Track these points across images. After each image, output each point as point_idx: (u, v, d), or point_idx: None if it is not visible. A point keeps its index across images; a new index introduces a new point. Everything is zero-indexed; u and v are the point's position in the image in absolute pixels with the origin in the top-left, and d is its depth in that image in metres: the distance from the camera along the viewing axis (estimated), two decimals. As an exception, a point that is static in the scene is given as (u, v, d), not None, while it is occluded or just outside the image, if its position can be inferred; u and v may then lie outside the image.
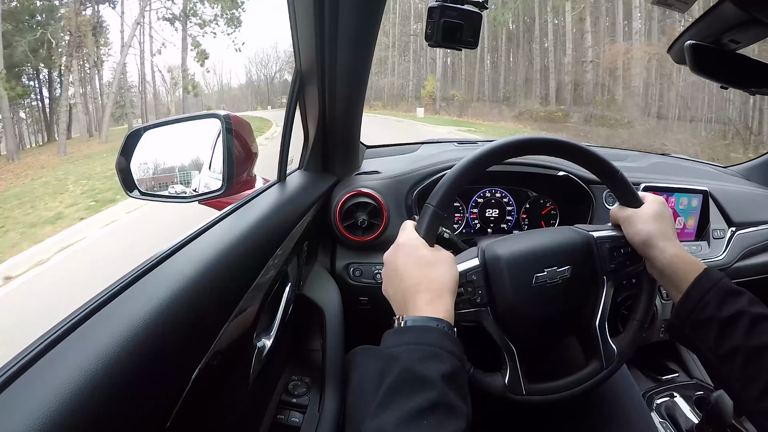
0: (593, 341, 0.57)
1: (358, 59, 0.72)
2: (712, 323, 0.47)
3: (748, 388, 0.44)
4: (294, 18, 0.67)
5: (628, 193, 0.57)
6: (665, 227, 0.54)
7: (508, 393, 0.54)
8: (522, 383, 0.54)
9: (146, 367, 0.32)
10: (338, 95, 0.78)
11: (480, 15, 0.60)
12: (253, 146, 0.78)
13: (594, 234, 0.57)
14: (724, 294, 0.48)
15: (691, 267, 0.51)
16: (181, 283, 0.39)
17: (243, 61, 39.11)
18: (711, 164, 1.34)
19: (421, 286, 0.45)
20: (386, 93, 26.44)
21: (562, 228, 0.60)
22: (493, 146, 0.54)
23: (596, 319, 0.56)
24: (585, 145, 0.57)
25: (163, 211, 4.52)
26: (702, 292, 0.48)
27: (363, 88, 0.79)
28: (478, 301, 0.53)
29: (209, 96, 36.60)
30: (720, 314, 0.46)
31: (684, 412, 0.91)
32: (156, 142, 0.75)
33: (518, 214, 1.03)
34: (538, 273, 0.53)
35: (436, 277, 0.46)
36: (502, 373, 0.54)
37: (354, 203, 0.89)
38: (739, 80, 0.65)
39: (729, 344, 0.45)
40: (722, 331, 0.46)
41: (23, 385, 0.27)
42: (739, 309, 0.46)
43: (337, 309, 0.84)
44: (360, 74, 0.75)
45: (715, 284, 0.48)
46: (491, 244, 0.56)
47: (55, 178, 8.96)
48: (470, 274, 0.52)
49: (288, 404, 0.74)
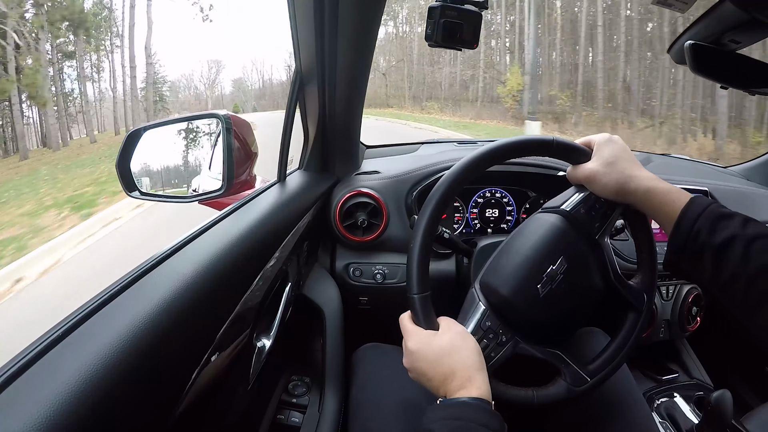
0: (620, 296, 0.57)
1: (358, 59, 0.72)
2: (706, 251, 0.44)
3: (755, 317, 0.42)
4: (294, 18, 0.67)
5: (573, 151, 0.56)
6: (625, 165, 0.51)
7: (575, 390, 0.54)
8: (581, 373, 0.55)
9: (146, 366, 0.32)
10: (338, 95, 0.78)
11: (480, 15, 0.60)
12: (253, 146, 0.78)
13: (565, 207, 0.56)
14: (714, 219, 0.45)
15: (674, 196, 0.48)
16: (181, 283, 0.39)
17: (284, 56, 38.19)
18: (711, 164, 1.33)
19: (447, 378, 0.45)
20: (444, 89, 17.61)
21: (535, 219, 0.58)
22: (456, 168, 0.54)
23: (611, 277, 0.56)
24: (518, 137, 0.56)
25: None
26: (691, 220, 0.46)
27: (363, 88, 0.79)
28: (504, 339, 0.53)
29: (249, 92, 36.87)
30: (713, 240, 0.44)
31: (684, 412, 0.91)
32: (156, 142, 0.75)
33: (518, 214, 1.03)
34: (539, 283, 0.52)
35: (457, 363, 0.46)
36: (562, 377, 0.55)
37: (354, 203, 0.89)
38: (739, 80, 0.65)
39: (727, 271, 0.43)
40: (718, 258, 0.44)
41: (23, 385, 0.27)
42: (732, 233, 0.43)
43: (337, 309, 0.84)
44: (360, 74, 0.75)
45: (703, 210, 0.46)
46: (484, 279, 0.56)
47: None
48: (483, 323, 0.52)
49: (288, 404, 0.74)
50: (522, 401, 0.54)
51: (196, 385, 0.39)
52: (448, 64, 17.40)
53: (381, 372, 0.69)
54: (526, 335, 0.54)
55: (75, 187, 7.44)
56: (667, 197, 0.49)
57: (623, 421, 0.61)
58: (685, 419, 0.89)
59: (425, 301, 0.51)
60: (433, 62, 18.02)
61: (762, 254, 0.42)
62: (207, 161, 0.81)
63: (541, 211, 0.59)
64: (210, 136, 0.80)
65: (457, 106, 16.69)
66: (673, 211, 0.48)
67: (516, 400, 0.53)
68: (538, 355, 0.54)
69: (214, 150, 0.78)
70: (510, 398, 0.53)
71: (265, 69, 41.93)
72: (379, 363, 0.72)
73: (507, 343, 0.53)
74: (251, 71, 39.05)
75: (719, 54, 0.62)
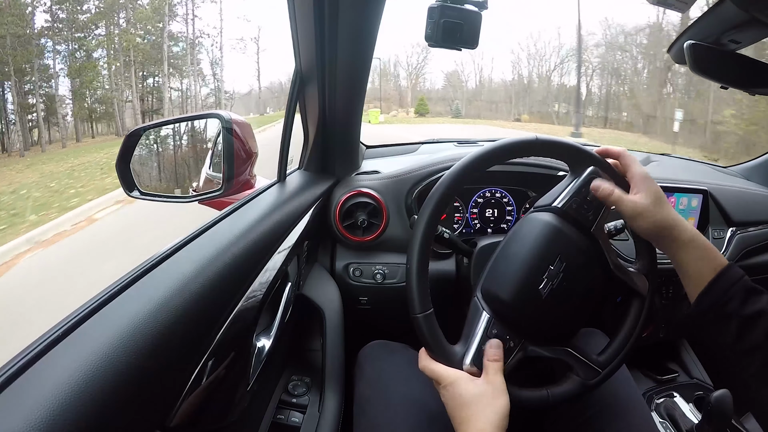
0: (623, 285, 0.57)
1: (358, 59, 0.72)
2: (734, 319, 0.46)
3: (764, 390, 0.44)
4: (294, 18, 0.67)
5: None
6: (669, 207, 0.52)
7: (589, 383, 0.54)
8: (593, 366, 0.55)
9: (146, 367, 0.32)
10: (338, 95, 0.78)
11: (480, 15, 0.60)
12: (253, 146, 0.78)
13: (557, 204, 0.56)
14: (746, 291, 0.47)
15: (714, 254, 0.49)
16: (181, 283, 0.39)
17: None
18: (711, 164, 1.34)
19: (462, 423, 0.46)
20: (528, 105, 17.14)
21: (528, 221, 0.57)
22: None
23: (611, 266, 0.56)
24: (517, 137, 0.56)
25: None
26: (728, 284, 0.47)
27: (363, 88, 0.79)
28: (512, 345, 0.52)
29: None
30: (743, 311, 0.46)
31: (684, 412, 0.91)
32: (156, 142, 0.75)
33: (518, 214, 1.03)
34: (540, 285, 0.52)
35: (475, 417, 0.46)
36: (574, 373, 0.55)
37: (354, 203, 0.89)
38: (739, 80, 0.65)
39: (749, 342, 0.45)
40: (744, 328, 0.45)
41: (23, 385, 0.27)
42: (761, 308, 0.45)
43: (337, 309, 0.84)
44: (360, 74, 0.75)
45: (739, 280, 0.47)
46: (485, 287, 0.55)
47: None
48: (490, 332, 0.52)
49: (288, 404, 0.74)
50: (537, 402, 0.53)
51: (196, 384, 0.39)
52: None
53: (389, 369, 0.69)
54: (534, 337, 0.53)
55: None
56: (706, 252, 0.50)
57: (623, 421, 0.61)
58: (685, 419, 0.89)
59: (429, 319, 0.51)
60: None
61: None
62: (207, 161, 0.82)
63: (533, 211, 0.58)
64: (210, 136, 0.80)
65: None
66: (710, 268, 0.49)
67: (531, 401, 0.53)
68: (548, 354, 0.54)
69: (214, 150, 0.78)
70: (525, 400, 0.53)
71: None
72: (387, 360, 0.71)
73: (516, 347, 0.53)
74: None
75: (719, 54, 0.62)
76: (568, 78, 23.33)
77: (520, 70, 25.48)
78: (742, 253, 1.00)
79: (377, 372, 0.69)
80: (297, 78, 0.76)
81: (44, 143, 14.57)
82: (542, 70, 24.30)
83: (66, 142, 15.27)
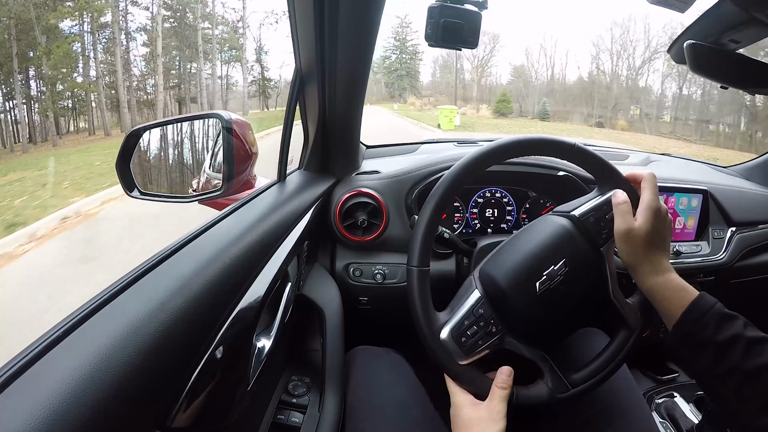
0: (616, 311, 0.57)
1: (358, 59, 0.71)
2: (709, 345, 0.48)
3: (746, 404, 0.45)
4: (294, 18, 0.67)
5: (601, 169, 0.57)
6: (666, 245, 0.54)
7: (556, 395, 0.54)
8: (564, 380, 0.55)
9: (146, 367, 0.32)
10: (338, 95, 0.78)
11: (480, 15, 0.60)
12: (253, 146, 0.78)
13: (575, 213, 0.57)
14: (720, 318, 0.48)
15: (688, 287, 0.51)
16: (181, 283, 0.39)
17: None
18: (711, 164, 1.33)
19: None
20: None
21: (544, 220, 0.59)
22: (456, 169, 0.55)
23: (610, 290, 0.56)
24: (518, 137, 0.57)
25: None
26: (699, 314, 0.49)
27: (363, 88, 0.79)
28: (494, 330, 0.53)
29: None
30: (717, 337, 0.47)
31: (684, 412, 0.92)
32: (156, 142, 0.75)
33: (518, 214, 1.03)
34: (538, 280, 0.53)
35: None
36: (544, 381, 0.55)
37: (354, 203, 0.89)
38: (739, 80, 0.65)
39: (726, 365, 0.46)
40: (720, 353, 0.47)
41: (23, 385, 0.27)
42: (735, 333, 0.47)
43: (337, 309, 0.84)
44: (360, 74, 0.75)
45: (711, 308, 0.49)
46: (484, 268, 0.56)
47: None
48: (476, 310, 0.53)
49: (288, 404, 0.74)
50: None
51: (196, 385, 0.39)
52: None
53: (372, 375, 0.70)
54: (516, 330, 0.54)
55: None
56: (684, 285, 0.52)
57: (623, 421, 0.61)
58: (685, 419, 0.89)
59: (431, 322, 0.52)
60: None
61: (759, 356, 0.46)
62: (207, 161, 0.81)
63: (551, 213, 0.60)
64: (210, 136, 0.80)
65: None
66: (685, 299, 0.51)
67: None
68: (525, 353, 0.54)
69: (214, 150, 0.78)
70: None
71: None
72: (370, 366, 0.72)
73: (496, 334, 0.53)
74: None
75: (719, 54, 0.62)
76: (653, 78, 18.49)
77: (601, 64, 21.71)
78: (742, 253, 1.00)
79: (358, 380, 0.71)
80: (297, 78, 0.76)
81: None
82: (633, 63, 20.57)
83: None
